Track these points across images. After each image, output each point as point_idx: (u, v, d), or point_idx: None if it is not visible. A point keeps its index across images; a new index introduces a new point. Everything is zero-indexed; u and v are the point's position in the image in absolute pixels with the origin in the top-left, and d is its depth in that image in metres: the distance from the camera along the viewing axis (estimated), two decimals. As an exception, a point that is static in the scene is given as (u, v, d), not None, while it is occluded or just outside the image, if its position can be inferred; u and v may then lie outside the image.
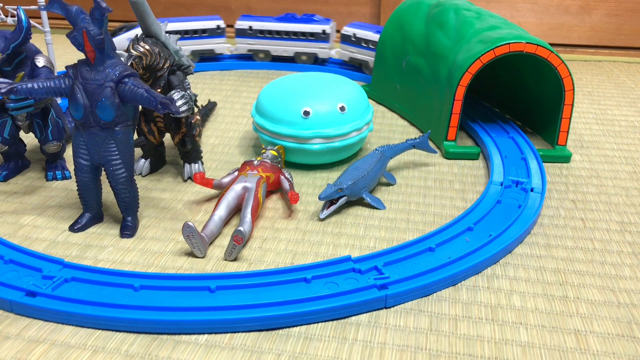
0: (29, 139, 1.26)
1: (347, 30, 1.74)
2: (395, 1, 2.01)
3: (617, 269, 0.93)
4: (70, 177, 1.18)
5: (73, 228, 1.01)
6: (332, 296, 0.83)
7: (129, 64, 1.00)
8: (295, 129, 1.16)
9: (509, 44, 1.19)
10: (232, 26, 2.18)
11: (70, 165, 1.19)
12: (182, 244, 0.97)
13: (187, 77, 1.15)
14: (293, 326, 0.81)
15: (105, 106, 0.91)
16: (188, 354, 0.76)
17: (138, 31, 1.62)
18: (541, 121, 1.34)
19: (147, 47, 1.04)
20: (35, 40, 1.17)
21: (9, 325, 0.81)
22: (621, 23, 1.98)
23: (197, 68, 1.78)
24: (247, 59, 1.86)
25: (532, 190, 1.09)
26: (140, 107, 1.04)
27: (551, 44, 1.84)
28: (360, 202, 1.10)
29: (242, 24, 1.81)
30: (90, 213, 1.02)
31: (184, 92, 1.07)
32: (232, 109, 1.54)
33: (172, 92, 1.07)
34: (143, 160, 1.18)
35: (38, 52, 1.13)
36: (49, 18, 1.36)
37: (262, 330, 0.80)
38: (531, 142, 1.28)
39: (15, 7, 1.10)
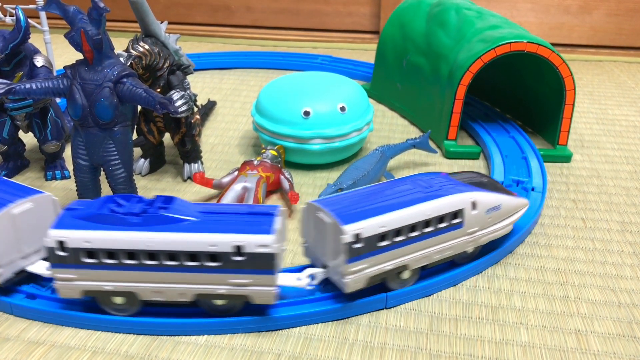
0: (28, 139, 1.26)
1: None
2: (395, 1, 2.01)
3: (618, 268, 0.93)
4: (70, 177, 1.18)
5: (72, 228, 1.01)
6: (333, 296, 0.82)
7: (128, 64, 1.00)
8: (295, 129, 1.16)
9: (510, 43, 1.18)
10: (232, 26, 2.19)
11: (70, 165, 1.18)
12: (182, 244, 0.97)
13: (187, 76, 1.15)
14: (293, 326, 0.81)
15: (103, 106, 0.90)
16: (188, 354, 0.76)
17: None
18: (542, 121, 1.34)
19: (146, 47, 1.04)
20: (34, 40, 1.17)
21: (9, 327, 0.81)
22: (622, 23, 1.98)
23: (197, 67, 1.78)
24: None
25: (532, 189, 1.09)
26: (139, 107, 1.03)
27: (552, 44, 1.83)
28: (361, 202, 1.10)
29: None
30: (89, 213, 1.02)
31: (183, 92, 1.07)
32: (232, 108, 1.54)
33: (172, 92, 1.06)
34: (142, 160, 1.18)
35: (37, 51, 1.13)
36: (47, 18, 1.35)
37: (262, 330, 0.80)
38: (532, 141, 1.28)
39: (14, 6, 1.10)
